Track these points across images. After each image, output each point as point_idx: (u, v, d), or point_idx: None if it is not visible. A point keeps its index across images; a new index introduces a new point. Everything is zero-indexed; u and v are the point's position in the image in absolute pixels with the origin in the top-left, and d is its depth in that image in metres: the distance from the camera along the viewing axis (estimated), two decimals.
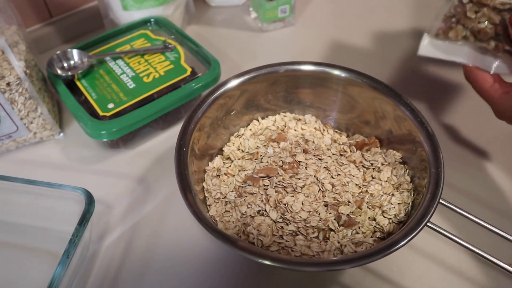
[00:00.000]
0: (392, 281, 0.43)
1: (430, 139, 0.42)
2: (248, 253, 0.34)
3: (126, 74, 0.56)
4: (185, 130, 0.43)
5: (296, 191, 0.42)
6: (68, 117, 0.59)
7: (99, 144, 0.56)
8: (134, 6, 0.64)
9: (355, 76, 0.48)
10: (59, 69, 0.56)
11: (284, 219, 0.41)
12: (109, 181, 0.52)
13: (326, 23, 0.77)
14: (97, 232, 0.47)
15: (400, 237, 0.35)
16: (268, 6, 0.70)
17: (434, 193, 0.38)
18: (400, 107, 0.45)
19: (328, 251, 0.39)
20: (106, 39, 0.63)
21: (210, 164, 0.47)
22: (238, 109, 0.50)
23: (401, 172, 0.45)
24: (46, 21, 0.70)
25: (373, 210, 0.43)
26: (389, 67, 0.66)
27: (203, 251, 0.45)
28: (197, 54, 0.59)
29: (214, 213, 0.43)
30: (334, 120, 0.52)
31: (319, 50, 0.71)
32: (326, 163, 0.45)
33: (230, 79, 0.48)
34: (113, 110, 0.51)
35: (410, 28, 0.74)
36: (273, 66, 0.49)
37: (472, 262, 0.43)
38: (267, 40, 0.73)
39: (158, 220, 0.48)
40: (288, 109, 0.53)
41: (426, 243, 0.45)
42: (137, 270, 0.44)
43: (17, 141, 0.54)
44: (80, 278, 0.43)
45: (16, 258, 0.44)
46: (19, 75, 0.48)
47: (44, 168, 0.53)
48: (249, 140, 0.49)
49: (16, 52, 0.49)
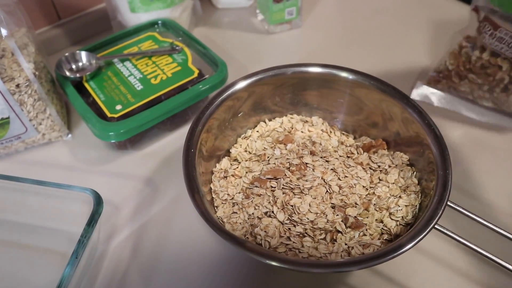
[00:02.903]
0: (399, 283, 0.42)
1: (437, 141, 0.42)
2: (255, 254, 0.34)
3: (134, 76, 0.56)
4: (193, 132, 0.44)
5: (303, 192, 0.42)
6: (76, 119, 0.60)
7: (107, 146, 0.56)
8: (141, 8, 0.65)
9: (363, 78, 0.48)
10: (68, 70, 0.56)
11: (292, 221, 0.41)
12: (117, 182, 0.52)
13: (333, 25, 0.77)
14: (105, 232, 0.47)
15: (407, 239, 0.35)
16: (275, 8, 0.70)
17: (441, 195, 0.38)
18: (408, 109, 0.45)
19: (335, 252, 0.39)
20: (114, 41, 0.63)
21: (217, 165, 0.47)
22: (245, 111, 0.50)
23: (409, 174, 0.45)
24: (55, 23, 0.70)
25: (380, 212, 0.43)
26: (397, 69, 0.66)
27: (210, 252, 0.45)
28: (204, 56, 0.59)
29: (222, 214, 0.43)
30: (341, 122, 0.52)
31: (326, 52, 0.71)
32: (333, 165, 0.45)
33: (238, 81, 0.48)
34: (121, 112, 0.52)
35: (417, 29, 0.74)
36: (280, 68, 0.49)
37: (480, 265, 0.43)
38: (274, 42, 0.73)
39: (165, 221, 0.48)
40: (295, 111, 0.53)
41: (434, 245, 0.45)
42: (144, 271, 0.44)
43: (26, 142, 0.54)
44: (89, 278, 0.43)
45: (25, 258, 0.45)
46: (29, 77, 0.49)
47: (52, 169, 0.54)
48: (256, 141, 0.49)
49: (25, 54, 0.50)
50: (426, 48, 0.70)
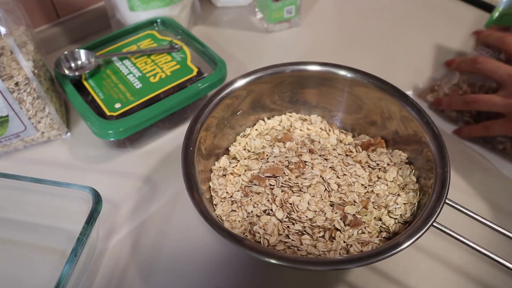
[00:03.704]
0: (398, 280, 0.43)
1: (436, 140, 0.42)
2: (254, 252, 0.34)
3: (132, 74, 0.56)
4: (191, 130, 0.44)
5: (302, 190, 0.43)
6: (75, 117, 0.60)
7: (106, 144, 0.56)
8: (140, 6, 0.65)
9: (361, 76, 0.48)
10: (67, 69, 0.56)
11: (290, 219, 0.41)
12: (116, 180, 0.52)
13: (332, 23, 0.77)
14: (104, 230, 0.47)
15: (405, 237, 0.35)
16: (274, 7, 0.70)
17: (440, 193, 0.38)
18: (407, 108, 0.45)
19: (334, 250, 0.39)
20: (113, 40, 0.63)
21: (216, 163, 0.47)
22: (244, 109, 0.50)
23: (407, 172, 0.45)
24: (54, 22, 0.70)
25: (379, 210, 0.43)
26: (396, 67, 0.66)
27: (209, 250, 0.45)
28: (203, 55, 0.59)
29: (221, 212, 0.43)
30: (340, 121, 0.52)
31: (325, 51, 0.71)
32: (332, 163, 0.45)
33: (237, 79, 0.48)
34: (120, 110, 0.52)
35: (416, 27, 0.74)
36: (279, 66, 0.49)
37: (478, 263, 0.43)
38: (273, 41, 0.73)
39: (164, 219, 0.48)
40: (294, 109, 0.53)
41: (432, 243, 0.45)
42: (143, 269, 0.44)
43: (25, 141, 0.54)
44: (88, 276, 0.43)
45: (24, 256, 0.45)
46: (28, 75, 0.49)
47: (51, 167, 0.54)
48: (255, 140, 0.49)
49: (24, 52, 0.50)
50: (425, 46, 0.70)
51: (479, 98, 0.50)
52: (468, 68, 0.53)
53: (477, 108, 0.51)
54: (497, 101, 0.48)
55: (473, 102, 0.51)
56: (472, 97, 0.51)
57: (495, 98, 0.49)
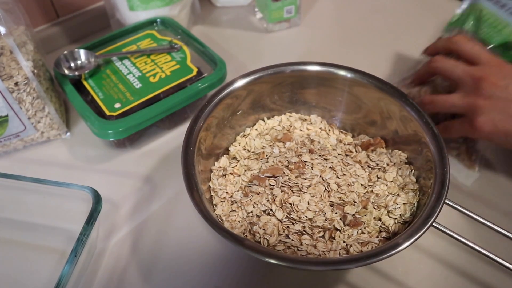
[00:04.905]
0: (397, 281, 0.43)
1: (435, 140, 0.42)
2: (254, 252, 0.34)
3: (132, 74, 0.56)
4: (191, 130, 0.44)
5: (302, 190, 0.43)
6: (75, 117, 0.60)
7: (106, 144, 0.56)
8: (140, 6, 0.65)
9: (361, 76, 0.48)
10: (66, 69, 0.56)
11: (290, 219, 0.41)
12: (115, 180, 0.52)
13: (331, 23, 0.77)
14: (104, 230, 0.47)
15: (405, 237, 0.35)
16: (274, 7, 0.70)
17: (439, 194, 0.38)
18: (406, 108, 0.45)
19: (334, 250, 0.39)
20: (113, 39, 0.63)
21: (216, 163, 0.47)
22: (244, 109, 0.50)
23: (407, 172, 0.45)
24: (53, 22, 0.70)
25: (378, 210, 0.43)
26: (395, 67, 0.66)
27: (209, 250, 0.45)
28: (203, 54, 0.59)
29: (220, 212, 0.43)
30: (340, 121, 0.52)
31: (325, 51, 0.71)
32: (332, 163, 0.45)
33: (236, 79, 0.48)
34: (120, 110, 0.52)
35: (415, 27, 0.74)
36: (279, 66, 0.50)
37: (477, 263, 0.43)
38: (273, 41, 0.73)
39: (164, 219, 0.48)
40: (294, 109, 0.53)
41: (432, 243, 0.45)
42: (143, 268, 0.44)
43: (24, 140, 0.54)
44: (88, 276, 0.43)
45: (24, 256, 0.45)
46: (27, 75, 0.49)
47: (51, 167, 0.54)
48: (255, 140, 0.50)
49: (24, 52, 0.50)
50: (424, 46, 0.70)
51: (436, 99, 0.47)
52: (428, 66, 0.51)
53: (434, 109, 0.47)
54: (456, 101, 0.45)
55: (430, 103, 0.47)
56: (429, 98, 0.47)
57: (453, 98, 0.45)
